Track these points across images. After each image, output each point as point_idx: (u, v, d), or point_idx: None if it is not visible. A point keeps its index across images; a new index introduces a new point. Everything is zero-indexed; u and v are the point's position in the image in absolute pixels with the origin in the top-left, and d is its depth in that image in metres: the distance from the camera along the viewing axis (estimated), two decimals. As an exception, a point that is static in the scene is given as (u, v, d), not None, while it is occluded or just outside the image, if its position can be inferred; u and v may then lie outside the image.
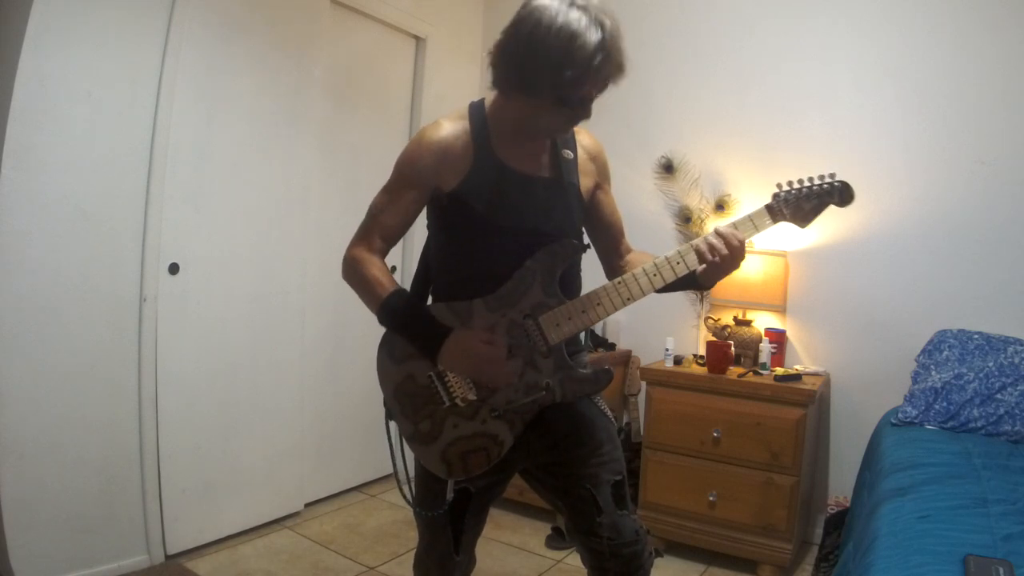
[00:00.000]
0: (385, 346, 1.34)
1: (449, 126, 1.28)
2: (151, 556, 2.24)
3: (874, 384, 2.60)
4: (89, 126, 2.03)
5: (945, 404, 2.15)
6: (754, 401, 2.42)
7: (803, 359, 2.76)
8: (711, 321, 2.71)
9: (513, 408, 1.27)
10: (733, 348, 2.65)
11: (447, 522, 1.37)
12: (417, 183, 1.29)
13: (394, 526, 2.74)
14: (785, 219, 1.27)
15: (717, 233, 1.23)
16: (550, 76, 1.12)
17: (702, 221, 2.89)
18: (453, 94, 3.39)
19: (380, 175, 1.38)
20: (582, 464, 1.33)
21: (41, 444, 1.97)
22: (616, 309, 1.27)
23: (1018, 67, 2.38)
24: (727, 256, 1.22)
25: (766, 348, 2.61)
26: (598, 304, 1.26)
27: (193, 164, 2.30)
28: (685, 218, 2.95)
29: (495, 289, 1.26)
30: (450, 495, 1.33)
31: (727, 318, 2.77)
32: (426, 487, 1.37)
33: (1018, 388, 2.08)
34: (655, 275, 1.25)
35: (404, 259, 3.23)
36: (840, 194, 1.25)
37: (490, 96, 1.29)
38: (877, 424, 2.34)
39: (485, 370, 1.23)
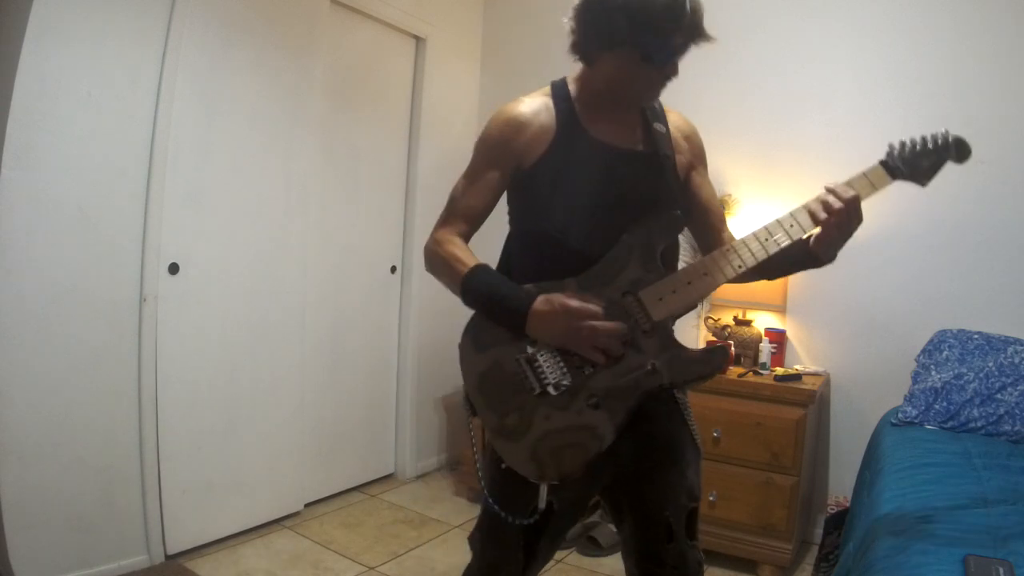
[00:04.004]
0: (469, 333, 1.21)
1: (530, 101, 1.22)
2: (151, 556, 2.24)
3: (874, 384, 2.60)
4: (89, 126, 2.03)
5: (945, 404, 2.15)
6: (754, 401, 2.42)
7: (803, 359, 2.76)
8: (711, 321, 2.71)
9: (614, 395, 1.12)
10: (733, 348, 2.65)
11: (522, 541, 1.21)
12: (498, 161, 1.21)
13: (394, 526, 2.74)
14: (903, 177, 1.20)
15: (828, 190, 1.13)
16: (635, 24, 1.07)
17: (702, 221, 2.89)
18: (453, 94, 3.39)
19: (380, 175, 1.38)
20: (668, 488, 1.23)
21: (41, 444, 1.97)
22: (726, 279, 1.14)
23: (1018, 67, 2.38)
24: (842, 211, 1.11)
25: (766, 348, 2.61)
26: (705, 274, 1.14)
27: (193, 164, 2.30)
28: (685, 218, 2.95)
29: (587, 268, 1.16)
30: (542, 503, 1.16)
31: (727, 318, 2.77)
32: (508, 492, 1.21)
33: (1018, 388, 2.08)
34: (767, 239, 1.13)
35: (404, 259, 3.23)
36: (956, 149, 1.20)
37: (572, 73, 1.24)
38: (877, 424, 2.34)
39: (583, 331, 1.09)
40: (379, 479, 3.21)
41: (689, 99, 3.02)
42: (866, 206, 1.18)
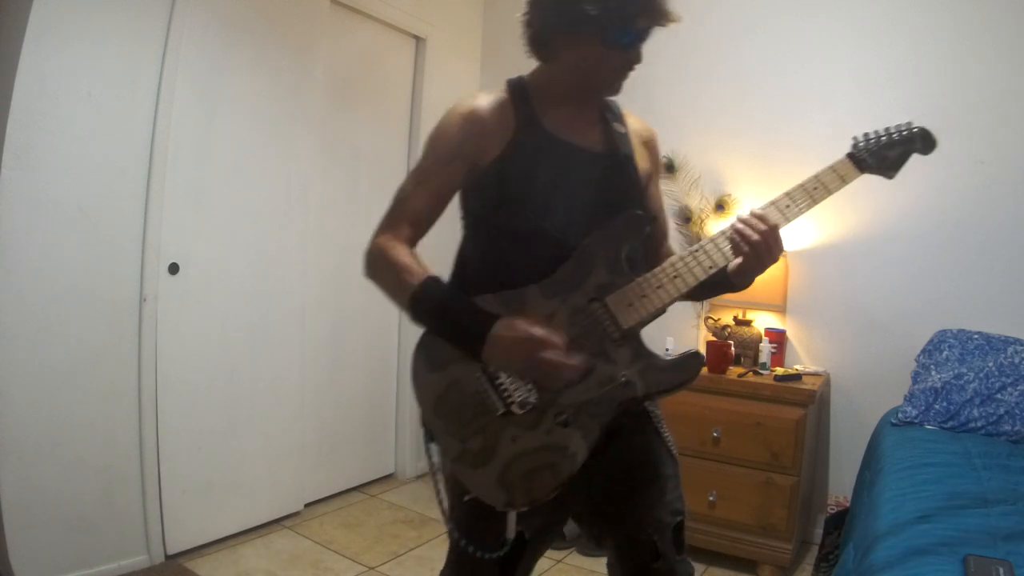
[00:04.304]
0: (421, 352, 1.13)
1: (486, 97, 1.16)
2: (151, 556, 2.24)
3: (874, 384, 2.60)
4: (89, 126, 2.03)
5: (945, 404, 2.15)
6: (754, 401, 2.42)
7: (803, 359, 2.76)
8: (711, 321, 2.71)
9: (586, 411, 1.05)
10: (733, 348, 2.65)
11: (499, 574, 1.14)
12: (452, 160, 1.13)
13: (394, 526, 2.74)
14: (871, 169, 1.18)
15: (751, 213, 1.10)
16: (598, 5, 1.03)
17: (702, 221, 2.89)
18: (453, 94, 3.35)
19: (380, 175, 1.37)
20: (648, 509, 1.17)
21: (41, 444, 1.97)
22: (697, 280, 1.09)
23: (1018, 67, 2.38)
24: (757, 241, 1.08)
25: (766, 348, 2.61)
26: (675, 276, 1.08)
27: (193, 164, 2.30)
28: (685, 218, 2.95)
29: (551, 273, 1.09)
30: (511, 533, 1.09)
31: (727, 318, 2.77)
32: (473, 525, 1.13)
33: (1018, 388, 2.08)
34: (736, 238, 1.10)
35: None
36: (922, 140, 1.19)
37: (528, 72, 1.20)
38: (877, 424, 2.34)
39: (542, 362, 1.00)
40: (379, 479, 3.21)
41: (689, 99, 3.03)
42: (865, 206, 1.18)
